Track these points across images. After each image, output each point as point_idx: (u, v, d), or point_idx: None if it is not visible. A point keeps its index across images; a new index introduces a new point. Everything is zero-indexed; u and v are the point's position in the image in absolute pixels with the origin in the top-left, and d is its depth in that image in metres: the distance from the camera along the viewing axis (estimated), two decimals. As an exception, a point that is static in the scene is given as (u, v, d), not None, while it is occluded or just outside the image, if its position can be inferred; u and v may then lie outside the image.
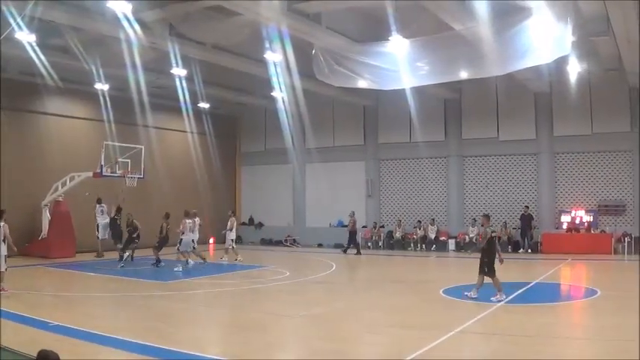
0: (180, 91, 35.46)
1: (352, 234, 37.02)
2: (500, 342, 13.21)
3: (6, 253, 18.92)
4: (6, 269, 18.94)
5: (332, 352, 12.54)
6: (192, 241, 29.24)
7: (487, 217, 19.53)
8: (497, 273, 18.34)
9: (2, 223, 18.97)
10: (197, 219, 29.50)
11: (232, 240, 31.90)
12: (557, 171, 36.93)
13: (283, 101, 38.05)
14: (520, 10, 21.62)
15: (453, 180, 39.85)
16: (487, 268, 18.41)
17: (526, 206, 36.61)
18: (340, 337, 13.96)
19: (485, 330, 14.41)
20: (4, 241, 18.80)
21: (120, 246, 30.26)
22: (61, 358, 6.17)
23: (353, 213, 37.28)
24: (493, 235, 18.82)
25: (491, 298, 17.83)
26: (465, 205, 39.57)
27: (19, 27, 22.77)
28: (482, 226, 20.38)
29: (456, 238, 38.18)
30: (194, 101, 39.60)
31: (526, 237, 35.88)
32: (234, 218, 32.18)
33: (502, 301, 17.77)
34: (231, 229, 31.62)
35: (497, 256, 18.62)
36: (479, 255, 19.11)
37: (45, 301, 18.68)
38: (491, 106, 38.22)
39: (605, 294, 19.28)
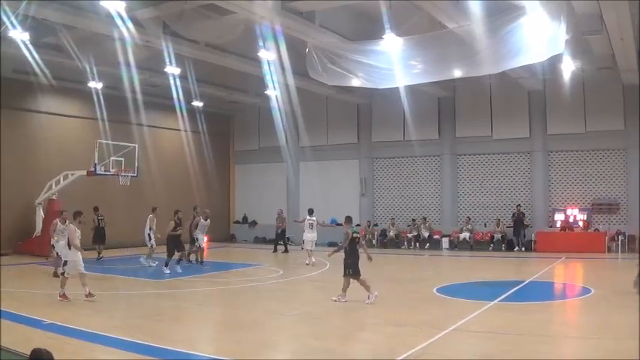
0: (174, 89, 35.44)
1: (282, 232, 37.44)
2: (493, 340, 13.22)
3: (74, 258, 18.74)
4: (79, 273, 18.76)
5: (325, 350, 12.54)
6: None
7: (349, 218, 19.31)
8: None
9: (70, 225, 19.09)
10: (208, 220, 29.27)
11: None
12: (551, 169, 37.01)
13: (277, 100, 38.05)
14: (514, 8, 21.62)
15: (447, 178, 39.92)
16: (351, 269, 18.24)
17: (518, 205, 36.66)
18: (334, 336, 13.97)
19: (478, 328, 14.41)
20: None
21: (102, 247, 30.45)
22: (55, 356, 6.16)
23: (281, 211, 37.58)
24: (354, 235, 18.69)
25: (366, 302, 17.80)
26: (458, 203, 39.62)
27: (13, 25, 22.74)
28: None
29: (449, 236, 38.23)
30: (188, 100, 39.55)
31: (519, 235, 35.95)
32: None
33: (370, 301, 17.78)
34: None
35: (363, 255, 18.77)
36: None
37: (39, 299, 18.65)
38: (485, 104, 38.30)
39: (599, 292, 19.31)
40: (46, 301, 18.25)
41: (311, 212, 30.91)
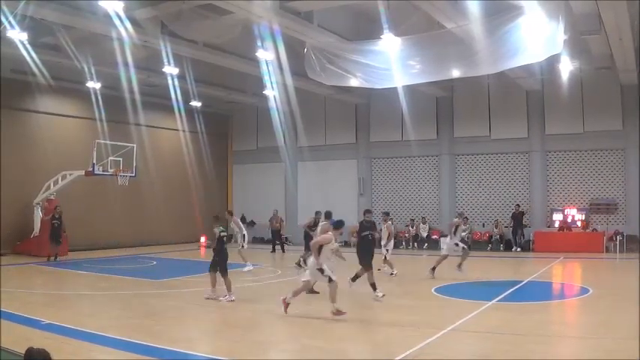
0: (172, 89, 35.35)
1: (277, 232, 37.71)
2: (492, 340, 13.22)
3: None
4: None
5: (323, 350, 12.54)
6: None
7: (216, 218, 20.07)
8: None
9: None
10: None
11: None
12: (549, 169, 37.03)
13: (275, 100, 38.07)
14: (512, 8, 21.62)
15: (445, 178, 39.93)
16: (219, 266, 18.90)
17: (517, 204, 36.69)
18: (331, 336, 13.94)
19: (477, 328, 14.41)
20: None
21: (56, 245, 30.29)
22: (53, 356, 6.15)
23: (276, 211, 37.82)
24: (222, 235, 19.25)
25: (220, 298, 18.43)
26: (456, 203, 39.61)
27: (11, 25, 22.73)
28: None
29: (447, 236, 38.15)
30: (186, 100, 39.58)
31: (517, 235, 35.99)
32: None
33: (232, 300, 18.33)
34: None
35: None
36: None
37: (37, 299, 18.64)
38: (483, 104, 38.33)
39: (597, 292, 19.31)
40: (44, 301, 18.24)
41: (328, 215, 23.76)
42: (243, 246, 26.36)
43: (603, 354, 11.78)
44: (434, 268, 23.28)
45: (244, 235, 26.84)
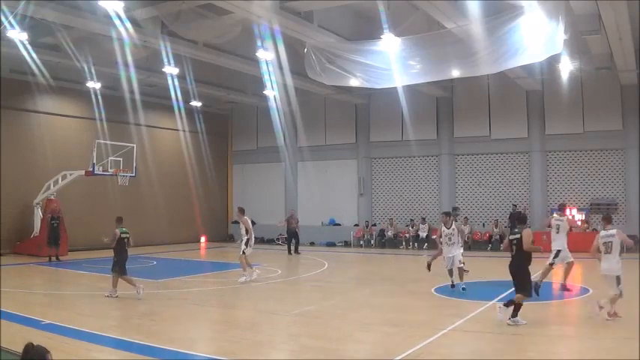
0: (172, 89, 35.40)
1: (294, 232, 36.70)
2: (491, 340, 13.21)
3: None
4: None
5: (323, 350, 12.54)
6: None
7: (119, 219, 20.02)
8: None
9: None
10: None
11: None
12: (549, 169, 37.03)
13: (275, 99, 38.15)
14: (512, 8, 21.62)
15: (445, 178, 39.92)
16: (118, 266, 19.19)
17: (514, 205, 36.70)
18: (331, 336, 13.94)
19: (476, 328, 14.39)
20: None
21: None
22: (52, 356, 6.14)
23: (294, 211, 37.07)
24: (123, 236, 19.46)
25: (105, 295, 18.86)
26: (456, 203, 39.54)
27: (11, 25, 22.74)
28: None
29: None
30: (186, 99, 39.63)
31: (515, 235, 35.98)
32: None
33: (140, 296, 18.59)
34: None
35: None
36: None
37: (37, 299, 18.64)
38: (483, 104, 38.33)
39: (598, 292, 19.26)
40: (43, 301, 18.24)
41: (452, 212, 23.65)
42: (244, 252, 22.74)
43: (603, 354, 11.78)
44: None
45: (249, 239, 22.97)
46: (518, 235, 15.09)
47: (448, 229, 19.96)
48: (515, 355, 11.79)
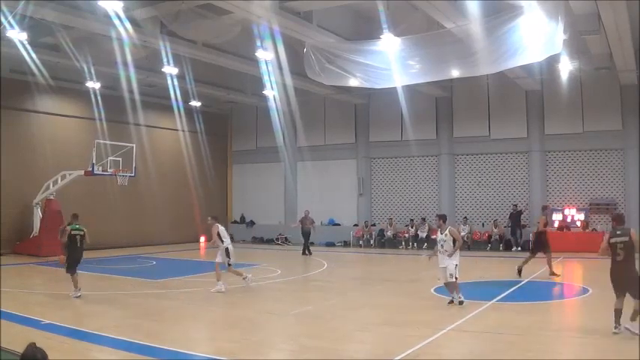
0: (172, 89, 35.40)
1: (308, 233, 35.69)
2: (491, 340, 13.22)
3: None
4: None
5: (322, 350, 12.54)
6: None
7: (74, 215, 20.05)
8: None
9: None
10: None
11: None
12: (549, 169, 37.01)
13: (274, 99, 38.16)
14: (511, 8, 21.62)
15: (445, 178, 39.89)
16: (68, 264, 19.04)
17: (514, 204, 36.70)
18: (331, 336, 13.94)
19: (475, 328, 14.40)
20: None
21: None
22: (52, 356, 6.14)
23: (308, 212, 36.52)
24: (74, 233, 19.24)
25: (73, 296, 18.68)
26: (456, 203, 39.59)
27: (11, 25, 22.75)
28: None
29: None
30: (185, 99, 39.66)
31: (516, 235, 36.01)
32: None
33: (77, 296, 18.57)
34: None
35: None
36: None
37: (36, 299, 18.64)
38: (483, 104, 38.31)
39: (597, 292, 19.28)
40: (43, 301, 18.24)
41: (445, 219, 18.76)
42: (229, 264, 20.87)
43: (603, 354, 11.78)
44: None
45: (227, 248, 20.90)
46: (626, 238, 13.44)
47: (442, 234, 17.79)
48: (515, 356, 11.79)
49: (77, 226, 19.44)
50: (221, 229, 21.17)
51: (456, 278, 16.99)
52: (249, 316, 16.50)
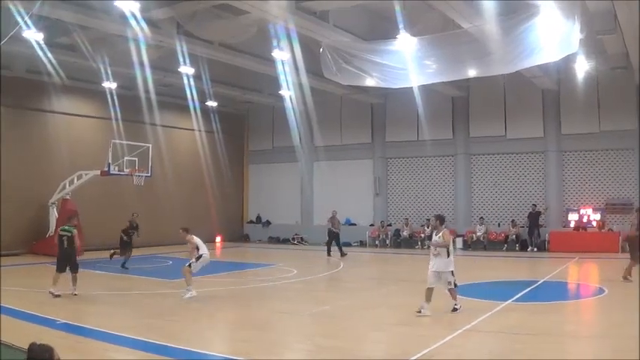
0: (188, 89, 35.42)
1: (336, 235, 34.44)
2: (506, 340, 13.18)
3: None
4: None
5: (338, 350, 12.54)
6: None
7: (70, 214, 20.59)
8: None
9: None
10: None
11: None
12: (565, 169, 36.87)
13: (291, 99, 38.20)
14: (527, 8, 21.57)
15: (461, 178, 39.82)
16: (57, 264, 19.37)
17: (533, 204, 36.54)
18: (346, 335, 13.95)
19: (491, 328, 14.37)
20: None
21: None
22: (66, 356, 6.16)
23: (335, 212, 35.62)
24: (61, 233, 19.47)
25: (50, 290, 18.76)
26: (472, 203, 39.52)
27: (27, 25, 22.82)
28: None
29: (463, 236, 38.06)
30: (202, 99, 39.74)
31: (533, 235, 35.88)
32: None
33: (58, 296, 18.59)
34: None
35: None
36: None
37: (51, 299, 18.67)
38: (499, 104, 38.19)
39: (613, 292, 19.22)
40: (58, 301, 18.29)
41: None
42: (190, 264, 20.12)
43: (618, 354, 11.73)
44: None
45: (201, 255, 20.45)
46: None
47: (436, 236, 17.59)
48: (531, 356, 11.76)
49: (66, 227, 19.60)
50: (197, 239, 20.98)
51: (455, 285, 16.82)
52: (265, 315, 16.51)
